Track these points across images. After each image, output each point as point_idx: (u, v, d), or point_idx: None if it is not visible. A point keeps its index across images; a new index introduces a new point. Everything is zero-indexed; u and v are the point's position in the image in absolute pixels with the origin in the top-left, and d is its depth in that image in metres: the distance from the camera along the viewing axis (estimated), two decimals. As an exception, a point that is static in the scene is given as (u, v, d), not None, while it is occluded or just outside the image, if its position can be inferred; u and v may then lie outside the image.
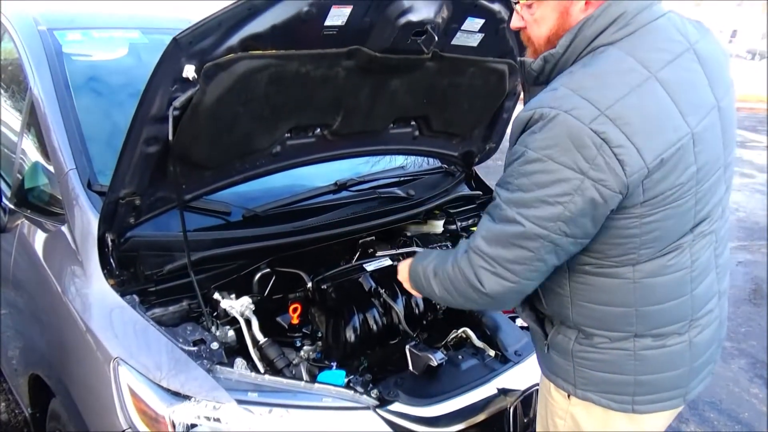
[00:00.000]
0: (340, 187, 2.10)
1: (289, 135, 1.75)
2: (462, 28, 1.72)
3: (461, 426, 1.54)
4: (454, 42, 1.76)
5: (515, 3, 1.23)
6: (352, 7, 1.42)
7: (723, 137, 1.20)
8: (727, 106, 1.21)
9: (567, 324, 1.28)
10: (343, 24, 1.47)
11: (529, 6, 1.20)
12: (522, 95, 2.13)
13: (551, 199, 1.08)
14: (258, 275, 1.83)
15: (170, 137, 1.38)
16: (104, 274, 1.54)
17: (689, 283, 1.21)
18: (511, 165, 1.13)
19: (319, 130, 1.81)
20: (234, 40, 1.36)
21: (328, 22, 1.44)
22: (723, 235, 1.28)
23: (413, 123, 2.09)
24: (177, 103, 1.36)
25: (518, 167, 1.11)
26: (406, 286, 1.50)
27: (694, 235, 1.19)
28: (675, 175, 1.09)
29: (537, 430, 1.49)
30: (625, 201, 1.09)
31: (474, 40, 1.80)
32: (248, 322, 1.65)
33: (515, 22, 1.25)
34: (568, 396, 1.31)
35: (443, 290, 1.30)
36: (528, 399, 1.65)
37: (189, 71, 1.33)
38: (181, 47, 1.30)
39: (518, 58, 1.25)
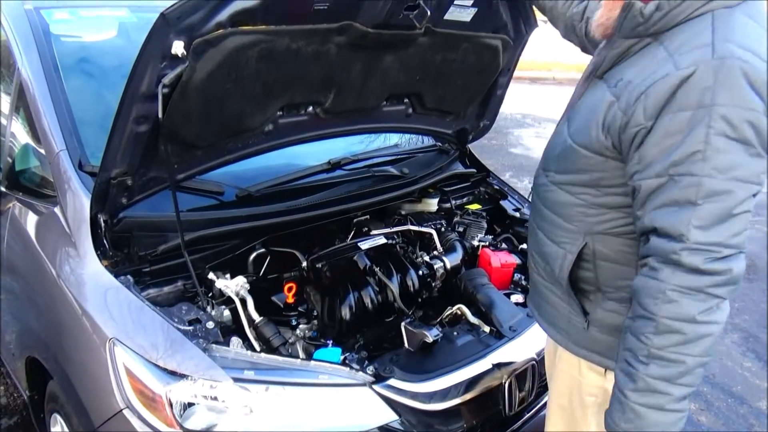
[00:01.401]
0: (334, 165, 2.09)
1: (281, 113, 1.74)
2: (455, 2, 1.69)
3: (456, 401, 1.56)
4: (447, 17, 1.74)
5: None
6: (342, -20, 1.40)
7: None
8: None
9: (617, 298, 1.22)
10: (334, -2, 1.44)
11: None
12: (512, 71, 2.14)
13: (760, 149, 1.00)
14: (253, 255, 1.83)
15: (160, 115, 1.36)
16: (98, 255, 1.54)
17: None
18: (690, 133, 1.00)
19: (311, 107, 1.80)
20: (223, 15, 1.34)
21: None
22: None
23: (406, 100, 2.08)
24: (166, 80, 1.34)
25: (706, 130, 0.99)
26: None
27: None
28: None
29: (551, 409, 1.46)
30: None
31: (467, 15, 1.78)
32: (243, 302, 1.65)
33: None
34: (605, 372, 1.28)
35: (684, 348, 1.03)
36: (523, 374, 1.66)
37: (178, 47, 1.31)
38: (169, 23, 1.28)
39: (626, 1, 1.12)
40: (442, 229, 2.19)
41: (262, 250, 1.85)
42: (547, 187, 1.30)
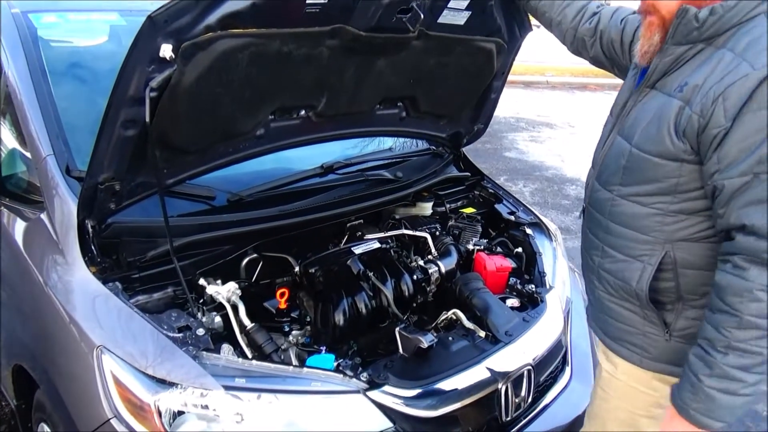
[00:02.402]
0: (327, 170, 2.08)
1: (272, 117, 1.72)
2: (449, 5, 1.68)
3: (452, 408, 1.53)
4: (441, 20, 1.73)
5: None
6: (334, -17, 1.39)
7: None
8: None
9: (700, 305, 1.20)
10: (326, 1, 1.43)
11: None
12: (506, 75, 2.14)
13: None
14: (245, 260, 1.81)
15: (147, 119, 1.34)
16: (86, 262, 1.51)
17: None
18: None
19: (303, 111, 1.78)
20: (212, 18, 1.32)
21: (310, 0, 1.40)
22: None
23: (400, 104, 2.06)
24: (154, 83, 1.32)
25: None
26: None
27: None
28: None
29: (607, 425, 1.42)
30: None
31: (461, 18, 1.77)
32: (235, 308, 1.62)
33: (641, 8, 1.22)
34: None
35: (762, 341, 1.06)
36: (519, 380, 1.64)
37: (166, 51, 1.29)
38: (156, 26, 1.26)
39: (682, 6, 1.14)
40: (437, 233, 2.17)
41: (255, 255, 1.83)
42: (614, 201, 1.28)
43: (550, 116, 8.59)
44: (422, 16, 1.61)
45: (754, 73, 1.04)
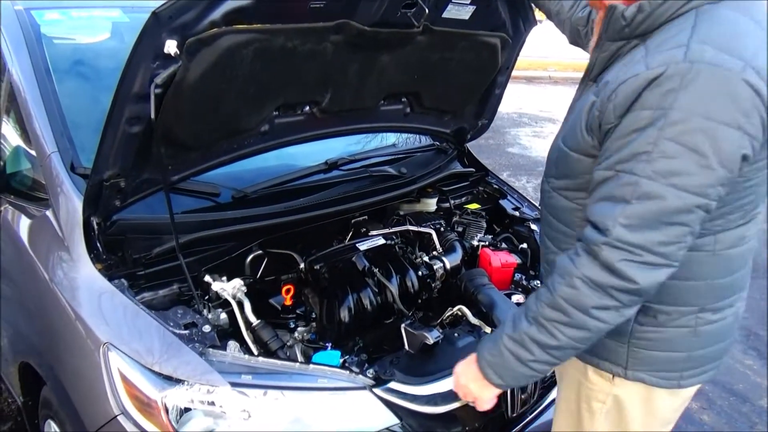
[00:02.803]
0: (331, 166, 2.07)
1: (277, 113, 1.71)
2: (453, 0, 1.67)
3: (458, 404, 1.53)
4: (445, 15, 1.71)
5: None
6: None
7: None
8: None
9: None
10: (330, -4, 1.42)
11: None
12: (510, 70, 2.13)
13: (713, 161, 0.95)
14: (250, 257, 1.80)
15: (152, 116, 1.34)
16: (91, 259, 1.51)
17: (750, 253, 1.16)
18: (642, 132, 0.98)
19: (307, 107, 1.77)
20: (217, 14, 1.31)
21: None
22: None
23: (404, 99, 2.06)
24: (159, 80, 1.31)
25: (657, 132, 0.96)
26: (483, 392, 1.25)
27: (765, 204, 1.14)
28: None
29: (558, 412, 1.44)
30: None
31: (465, 13, 1.76)
32: (240, 305, 1.62)
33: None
34: (613, 378, 1.26)
35: (564, 328, 1.08)
36: (525, 375, 1.64)
37: (171, 47, 1.28)
38: (161, 21, 1.25)
39: (608, 3, 1.11)
40: (441, 229, 2.17)
41: (259, 251, 1.83)
42: (549, 193, 1.28)
43: (553, 111, 8.57)
44: (427, 11, 1.60)
45: (644, 72, 0.99)
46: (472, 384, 1.26)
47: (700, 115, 0.95)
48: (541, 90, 10.28)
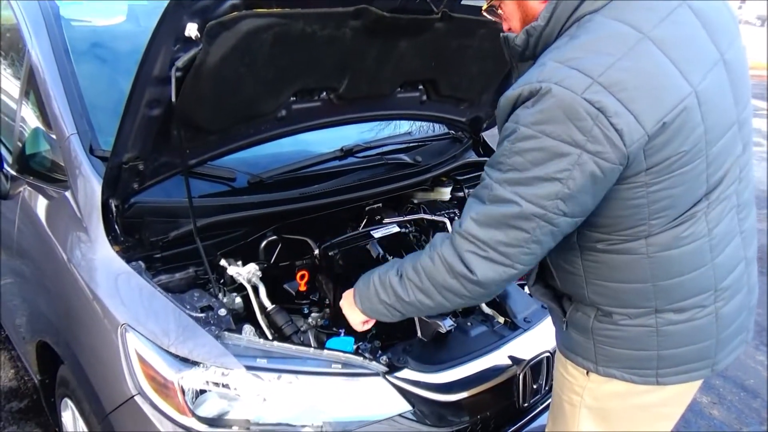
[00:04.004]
0: (347, 153, 2.07)
1: (294, 99, 1.71)
2: (473, -14, 1.66)
3: (470, 393, 1.54)
4: (465, 2, 1.70)
5: (484, 11, 1.27)
6: (359, -38, 1.37)
7: (733, 92, 1.13)
8: (734, 59, 1.14)
9: (584, 302, 1.25)
10: (350, -19, 1.41)
11: (496, 8, 1.23)
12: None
13: (548, 176, 1.02)
14: (264, 242, 1.81)
15: (173, 99, 1.34)
16: (109, 241, 1.52)
17: (708, 252, 1.16)
18: (503, 144, 1.08)
19: (324, 93, 1.77)
20: None
21: None
22: (747, 198, 1.22)
23: (421, 87, 2.04)
24: (179, 63, 1.31)
25: (510, 145, 1.05)
26: (352, 313, 1.41)
27: (710, 201, 1.13)
28: (680, 138, 1.04)
29: (551, 408, 1.47)
30: (626, 171, 1.03)
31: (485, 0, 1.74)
32: (255, 289, 1.63)
33: (504, 27, 1.25)
34: (587, 373, 1.28)
35: (416, 290, 1.21)
36: (537, 366, 1.64)
37: (191, 30, 1.28)
38: (182, 4, 1.25)
39: (501, 34, 1.20)
40: (456, 218, 2.16)
41: (274, 237, 1.84)
42: None
43: (567, 102, 8.47)
44: (446, -3, 1.58)
45: (510, 93, 1.07)
46: (345, 302, 1.43)
47: (541, 132, 1.02)
48: (555, 80, 10.17)
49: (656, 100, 1.01)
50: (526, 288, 1.89)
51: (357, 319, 1.41)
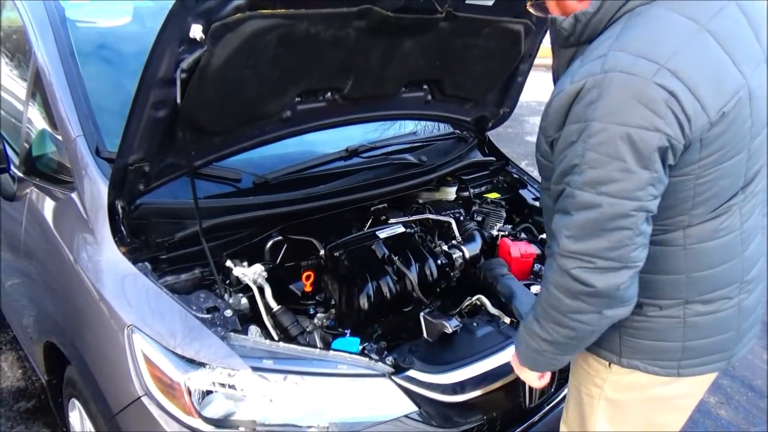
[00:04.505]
0: (351, 153, 2.07)
1: (299, 99, 1.71)
2: (477, -15, 1.65)
3: (476, 393, 1.54)
4: (469, 1, 1.69)
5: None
6: (363, -38, 1.37)
7: None
8: None
9: None
10: (354, -19, 1.41)
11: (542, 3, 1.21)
12: (533, 58, 2.11)
13: (633, 166, 0.98)
14: (270, 243, 1.81)
15: (178, 101, 1.34)
16: (115, 242, 1.53)
17: (740, 245, 1.17)
18: (572, 146, 1.03)
19: (329, 94, 1.77)
20: None
21: None
22: None
23: (425, 87, 2.04)
24: (184, 65, 1.32)
25: (583, 144, 1.01)
26: (523, 373, 1.33)
27: (745, 195, 1.15)
28: (733, 129, 1.05)
29: (567, 400, 1.47)
30: (681, 160, 1.03)
31: (489, -1, 1.74)
32: (261, 290, 1.64)
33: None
34: (609, 365, 1.29)
35: (552, 326, 1.14)
36: (543, 366, 1.63)
37: (196, 31, 1.28)
38: (187, 6, 1.25)
39: (549, 16, 1.17)
40: (461, 218, 2.16)
41: (279, 237, 1.84)
42: (540, 193, 1.34)
43: (573, 100, 8.44)
44: (451, -4, 1.58)
45: (569, 87, 1.04)
46: (514, 365, 1.36)
47: (615, 122, 0.98)
48: (560, 78, 10.13)
49: (717, 89, 1.02)
50: (532, 288, 1.90)
51: (531, 377, 1.33)
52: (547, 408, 1.70)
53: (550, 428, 1.68)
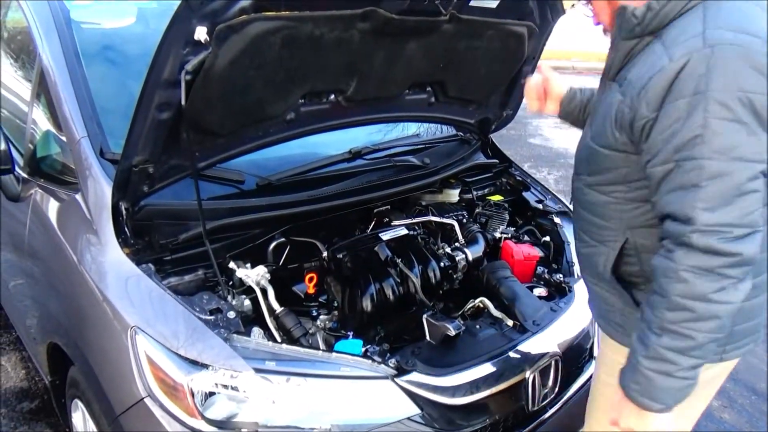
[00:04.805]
0: (355, 155, 2.07)
1: (302, 101, 1.71)
2: (481, -12, 1.65)
3: (479, 396, 1.53)
4: (473, 3, 1.70)
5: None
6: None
7: None
8: None
9: None
10: (359, -17, 1.41)
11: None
12: (537, 60, 2.12)
13: (756, 128, 1.03)
14: (273, 244, 1.81)
15: (183, 102, 1.34)
16: (119, 243, 1.53)
17: None
18: (686, 120, 1.04)
19: (333, 95, 1.77)
20: (246, 0, 1.31)
21: None
22: None
23: (429, 89, 2.04)
24: (189, 66, 1.32)
25: (703, 114, 1.03)
26: (656, 421, 1.15)
27: None
28: None
29: (595, 398, 1.48)
30: None
31: (493, 2, 1.74)
32: (264, 292, 1.64)
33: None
34: None
35: (694, 324, 1.07)
36: (546, 369, 1.64)
37: (201, 33, 1.28)
38: (192, 8, 1.26)
39: (620, 3, 1.20)
40: (464, 220, 2.16)
41: (282, 239, 1.84)
42: (582, 190, 1.34)
43: (576, 102, 8.43)
44: (455, -1, 1.58)
45: (670, 65, 1.07)
46: (635, 422, 1.18)
47: (734, 89, 1.02)
48: (564, 80, 10.12)
49: None
50: (535, 290, 1.90)
51: (659, 422, 1.16)
52: (551, 411, 1.70)
53: (554, 431, 1.68)
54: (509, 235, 2.13)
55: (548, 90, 1.63)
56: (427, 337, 1.64)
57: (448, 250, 2.00)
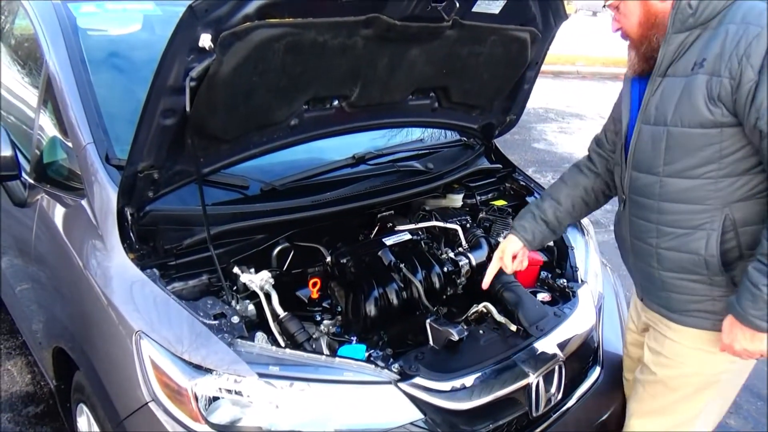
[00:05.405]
0: (358, 160, 2.08)
1: (306, 107, 1.72)
2: (484, -6, 1.66)
3: (482, 401, 1.53)
4: (475, 9, 1.71)
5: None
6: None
7: None
8: None
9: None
10: (362, -10, 1.42)
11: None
12: (540, 65, 2.14)
13: None
14: (277, 249, 1.82)
15: (188, 109, 1.36)
16: (124, 248, 1.54)
17: None
18: None
19: (336, 101, 1.78)
20: (251, 7, 1.33)
21: None
22: None
23: (432, 94, 2.05)
24: (194, 73, 1.33)
25: None
26: (757, 343, 1.31)
27: None
28: None
29: (656, 398, 1.54)
30: None
31: (496, 7, 1.75)
32: (268, 296, 1.64)
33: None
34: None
35: None
36: (550, 374, 1.63)
37: (205, 40, 1.30)
38: (197, 15, 1.27)
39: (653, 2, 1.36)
40: (468, 225, 2.16)
41: (286, 244, 1.85)
42: (662, 182, 1.40)
43: (580, 107, 8.45)
44: (457, 5, 1.59)
45: (763, 30, 1.22)
46: (748, 344, 1.32)
47: None
48: (568, 85, 10.12)
49: None
50: (538, 295, 1.89)
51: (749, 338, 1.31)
52: (555, 416, 1.69)
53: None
54: (513, 240, 2.12)
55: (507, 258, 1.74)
56: (431, 342, 1.64)
57: (451, 255, 2.01)
